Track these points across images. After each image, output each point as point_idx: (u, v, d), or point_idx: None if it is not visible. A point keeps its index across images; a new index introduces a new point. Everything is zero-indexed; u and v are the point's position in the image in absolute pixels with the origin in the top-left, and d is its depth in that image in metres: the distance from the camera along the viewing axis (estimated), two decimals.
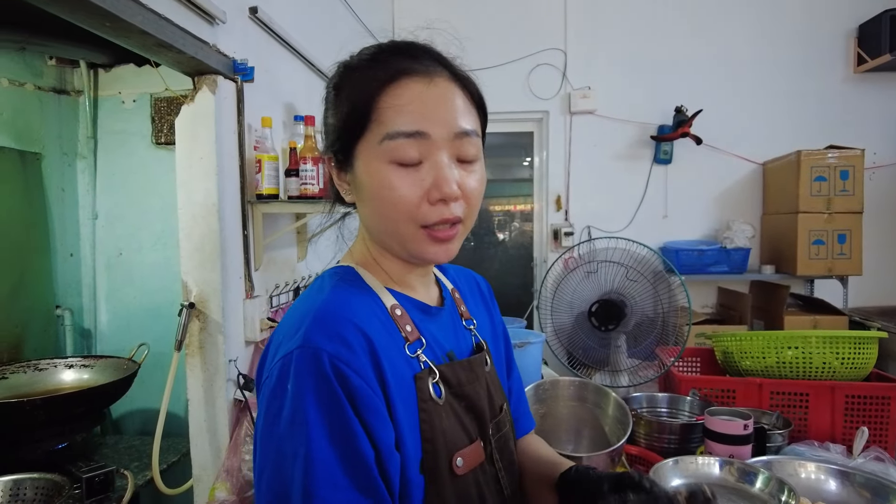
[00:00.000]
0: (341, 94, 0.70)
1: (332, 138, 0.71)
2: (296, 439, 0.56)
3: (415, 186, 0.64)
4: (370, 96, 0.65)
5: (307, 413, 0.56)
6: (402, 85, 0.65)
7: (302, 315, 0.64)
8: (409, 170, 0.64)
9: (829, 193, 3.13)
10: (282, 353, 0.60)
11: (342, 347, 0.59)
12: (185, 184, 1.57)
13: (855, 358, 1.58)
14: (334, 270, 0.74)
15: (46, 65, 2.19)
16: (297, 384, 0.57)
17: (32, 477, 1.48)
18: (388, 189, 0.64)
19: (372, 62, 0.69)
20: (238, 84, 1.64)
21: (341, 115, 0.68)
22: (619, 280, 1.70)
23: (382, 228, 0.69)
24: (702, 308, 3.64)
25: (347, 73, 0.71)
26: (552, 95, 3.70)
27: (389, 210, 0.65)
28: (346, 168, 0.70)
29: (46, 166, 2.18)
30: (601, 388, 1.33)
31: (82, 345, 2.31)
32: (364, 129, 0.65)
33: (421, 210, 0.64)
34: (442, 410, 0.66)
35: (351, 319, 0.62)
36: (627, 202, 3.67)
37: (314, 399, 0.56)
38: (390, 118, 0.64)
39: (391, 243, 0.70)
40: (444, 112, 0.65)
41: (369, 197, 0.66)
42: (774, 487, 0.86)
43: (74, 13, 1.14)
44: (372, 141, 0.65)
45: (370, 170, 0.65)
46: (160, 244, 2.27)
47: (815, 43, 3.53)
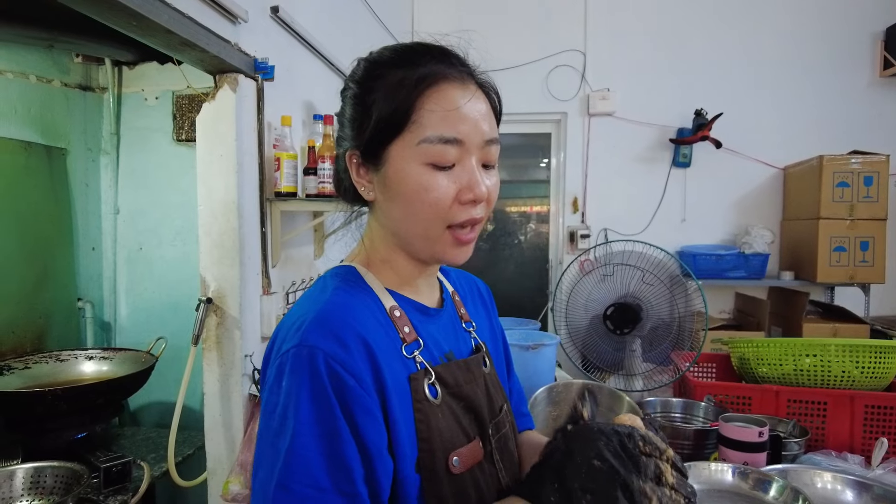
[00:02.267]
0: (372, 91, 0.69)
1: (359, 135, 0.70)
2: (284, 434, 0.57)
3: (449, 188, 0.66)
4: (410, 98, 0.65)
5: (298, 409, 0.57)
6: (441, 89, 0.66)
7: (303, 315, 0.65)
8: (444, 172, 0.66)
9: (851, 199, 3.08)
10: (281, 352, 0.62)
11: (338, 348, 0.60)
12: (205, 180, 1.59)
13: (876, 367, 1.55)
14: (336, 271, 0.75)
15: (73, 62, 2.23)
16: (292, 381, 0.59)
17: (53, 465, 1.51)
18: (424, 190, 0.65)
19: (407, 62, 0.68)
20: (258, 83, 1.66)
21: (374, 114, 0.67)
22: (636, 283, 1.69)
23: (410, 228, 0.69)
24: (719, 314, 3.59)
25: (377, 70, 0.70)
26: (571, 97, 3.68)
27: (424, 210, 0.66)
28: (371, 166, 0.70)
29: (71, 161, 2.23)
30: (615, 392, 1.32)
31: (102, 337, 2.35)
32: (401, 130, 0.66)
33: (451, 210, 0.66)
34: (438, 410, 0.67)
35: (349, 321, 0.63)
36: (645, 205, 3.64)
37: (307, 396, 0.58)
38: (431, 122, 0.65)
39: (415, 243, 0.71)
40: (478, 120, 0.67)
41: (402, 197, 0.67)
42: (789, 497, 0.85)
43: (103, 13, 1.16)
44: (409, 142, 0.65)
45: (406, 170, 0.66)
46: (179, 240, 2.30)
47: (839, 46, 3.47)
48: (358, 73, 0.73)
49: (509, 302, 3.81)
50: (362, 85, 0.71)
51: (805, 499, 0.82)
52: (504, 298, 4.02)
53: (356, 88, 0.71)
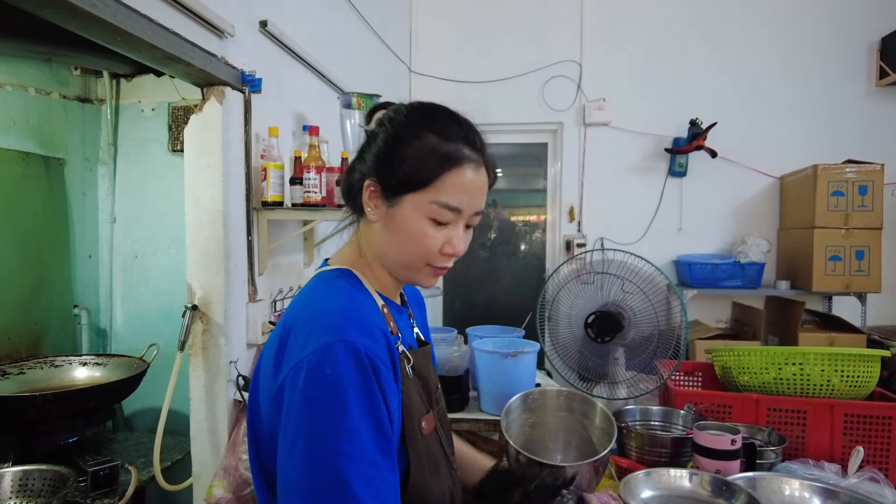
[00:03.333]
0: (408, 145, 0.81)
1: (384, 173, 0.82)
2: (336, 415, 0.68)
3: (438, 240, 0.82)
4: (438, 170, 0.80)
5: (348, 394, 0.68)
6: (462, 169, 0.81)
7: (328, 311, 0.76)
8: (439, 227, 0.82)
9: (846, 208, 3.07)
10: (317, 345, 0.71)
11: (371, 342, 0.73)
12: (192, 190, 1.63)
13: (856, 376, 1.55)
14: (338, 273, 0.87)
15: (72, 75, 2.29)
16: (340, 371, 0.69)
17: (41, 468, 1.54)
18: (421, 237, 0.81)
19: (443, 133, 0.82)
20: (246, 94, 1.70)
21: (405, 165, 0.80)
22: (616, 291, 1.70)
23: (398, 257, 0.84)
24: (715, 323, 3.59)
25: (418, 128, 0.82)
26: (567, 107, 3.71)
27: (414, 250, 0.82)
28: (385, 199, 0.82)
29: (69, 171, 2.28)
30: (587, 398, 1.33)
31: (98, 343, 2.39)
32: (422, 188, 0.80)
33: (433, 256, 0.83)
34: (412, 385, 0.83)
35: (372, 318, 0.78)
36: (641, 214, 3.65)
37: (355, 383, 0.69)
38: (445, 193, 0.80)
39: (397, 268, 0.86)
40: (477, 198, 0.83)
41: (401, 235, 0.82)
42: (745, 502, 0.86)
43: (88, 28, 1.20)
44: (423, 198, 0.80)
45: (411, 217, 0.81)
46: (174, 248, 2.35)
47: (835, 55, 3.48)
48: (400, 120, 0.84)
49: (507, 311, 3.83)
50: (401, 133, 0.82)
51: None
52: (502, 307, 4.05)
53: (393, 132, 0.83)
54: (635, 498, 0.88)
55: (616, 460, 1.45)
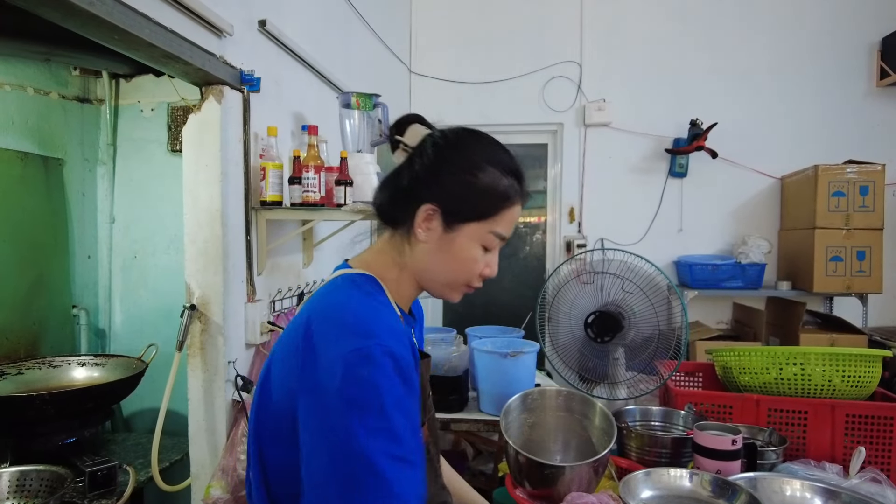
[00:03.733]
0: (477, 179, 0.86)
1: (452, 205, 0.86)
2: (373, 416, 0.69)
3: (481, 264, 0.89)
4: (502, 205, 0.87)
5: (385, 395, 0.70)
6: (515, 207, 0.89)
7: (362, 314, 0.79)
8: (483, 252, 0.89)
9: (847, 209, 3.06)
10: (353, 346, 0.72)
11: (403, 348, 0.75)
12: (190, 189, 1.62)
13: (858, 376, 1.54)
14: (364, 277, 0.89)
15: (71, 75, 2.29)
16: (377, 373, 0.71)
17: (38, 469, 1.53)
18: (472, 261, 0.87)
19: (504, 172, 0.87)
20: (244, 94, 1.69)
21: (472, 201, 0.86)
22: (616, 291, 1.70)
23: (442, 278, 0.90)
24: (716, 324, 3.58)
25: (480, 164, 0.86)
26: (567, 108, 3.71)
27: (462, 273, 0.88)
28: (444, 225, 0.86)
29: (68, 171, 2.28)
30: (587, 399, 1.33)
31: (97, 344, 2.39)
32: (483, 219, 0.86)
33: (475, 278, 0.90)
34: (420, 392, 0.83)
35: (401, 326, 0.81)
36: (642, 215, 3.65)
37: (391, 385, 0.71)
38: (500, 224, 0.88)
39: (434, 285, 0.92)
40: (512, 228, 0.92)
41: (453, 259, 0.87)
42: (745, 502, 0.85)
43: (86, 27, 1.20)
44: (483, 227, 0.86)
45: (468, 244, 0.87)
46: (173, 248, 2.34)
47: (836, 56, 3.48)
48: (459, 150, 0.88)
49: (507, 311, 3.82)
50: (464, 165, 0.86)
51: None
52: (502, 308, 4.04)
53: (457, 163, 0.87)
54: (635, 498, 0.87)
55: (616, 461, 1.44)
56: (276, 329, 1.76)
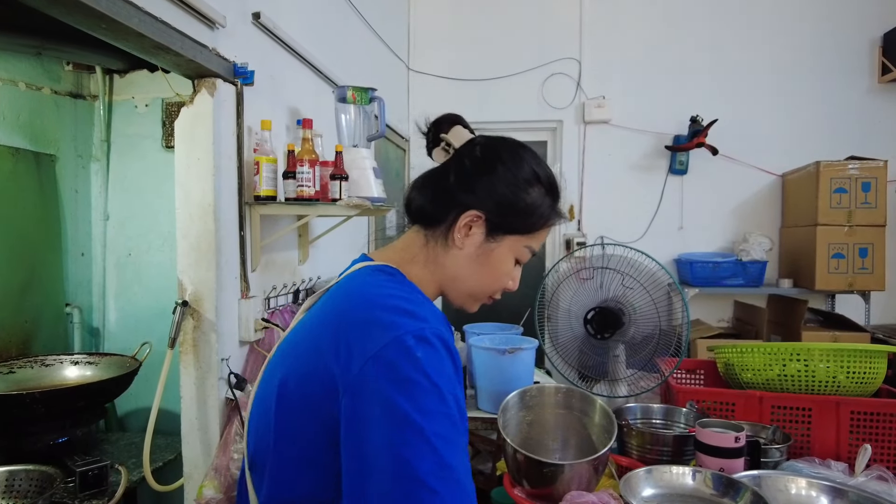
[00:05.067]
0: (527, 193, 0.85)
1: (500, 215, 0.85)
2: (431, 397, 0.66)
3: (510, 276, 0.89)
4: (543, 222, 0.88)
5: (441, 378, 0.67)
6: (552, 226, 0.90)
7: (406, 298, 0.76)
8: (515, 266, 0.89)
9: (849, 206, 3.04)
10: (403, 331, 0.68)
11: (448, 333, 0.74)
12: (182, 184, 1.60)
13: (863, 373, 1.51)
14: (390, 269, 0.86)
15: (63, 70, 2.26)
16: (432, 354, 0.68)
17: (27, 469, 1.50)
18: (505, 274, 0.88)
19: (554, 194, 0.89)
20: (238, 87, 1.66)
21: (521, 214, 0.85)
22: (616, 287, 1.67)
23: (470, 287, 0.88)
24: (717, 322, 3.55)
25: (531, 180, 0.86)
26: (566, 105, 3.68)
27: (492, 284, 0.88)
28: (487, 234, 0.85)
29: (61, 168, 2.25)
30: (587, 396, 1.30)
31: (91, 342, 2.36)
32: (523, 233, 0.86)
33: (499, 290, 0.90)
34: None
35: (440, 312, 0.78)
36: (642, 213, 3.62)
37: (446, 365, 0.69)
38: (536, 240, 0.89)
39: (458, 294, 0.89)
40: None
41: (489, 269, 0.86)
42: (749, 501, 0.82)
43: (71, 15, 1.17)
44: (521, 241, 0.86)
45: (505, 256, 0.86)
46: (167, 246, 2.31)
47: (837, 52, 3.45)
48: (514, 162, 0.87)
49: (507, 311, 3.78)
50: (518, 178, 0.85)
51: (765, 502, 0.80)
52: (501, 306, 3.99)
53: (520, 174, 0.86)
54: (636, 496, 0.85)
55: (616, 459, 1.41)
56: (270, 326, 1.73)
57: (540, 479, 1.16)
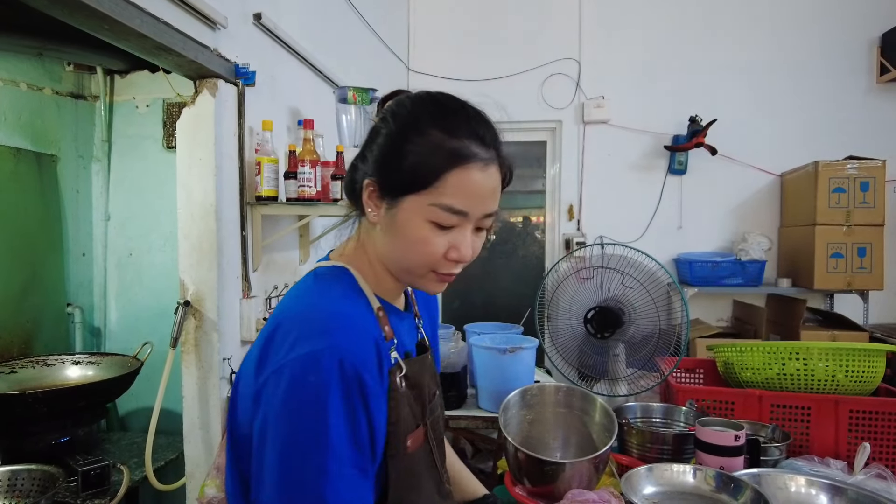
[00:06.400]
0: (408, 141, 0.74)
1: (384, 173, 0.76)
2: (316, 427, 0.65)
3: (441, 246, 0.74)
4: (440, 169, 0.72)
5: (330, 406, 0.65)
6: (467, 170, 0.73)
7: (317, 313, 0.72)
8: (442, 231, 0.74)
9: (848, 205, 3.04)
10: (304, 351, 0.67)
11: (360, 350, 0.69)
12: (184, 184, 1.60)
13: (861, 371, 1.52)
14: (333, 272, 0.81)
15: (65, 70, 2.26)
16: (324, 380, 0.65)
17: (29, 468, 1.51)
18: (421, 243, 0.74)
19: (447, 126, 0.74)
20: (239, 88, 1.67)
21: (404, 164, 0.73)
22: (616, 286, 1.68)
23: (399, 263, 0.78)
24: (716, 322, 3.56)
25: (418, 122, 0.75)
26: (566, 105, 3.68)
27: (415, 257, 0.75)
28: (385, 200, 0.76)
29: (62, 168, 2.25)
30: (588, 395, 1.30)
31: (92, 342, 2.36)
32: (422, 189, 0.73)
33: (439, 262, 0.76)
34: (403, 398, 0.77)
35: (363, 324, 0.73)
36: (641, 213, 3.62)
37: (338, 394, 0.65)
38: (448, 195, 0.72)
39: (400, 273, 0.80)
40: (486, 200, 0.75)
41: (401, 240, 0.75)
42: (749, 498, 0.83)
43: (73, 16, 1.18)
44: (423, 200, 0.73)
45: (411, 221, 0.74)
46: (168, 246, 2.32)
47: (836, 52, 3.45)
48: (402, 113, 0.77)
49: (507, 311, 3.79)
50: (403, 129, 0.75)
51: (764, 500, 0.80)
52: (501, 308, 4.01)
53: (395, 127, 0.76)
54: (637, 494, 0.85)
55: (617, 458, 1.42)
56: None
57: (541, 478, 1.17)
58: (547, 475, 1.16)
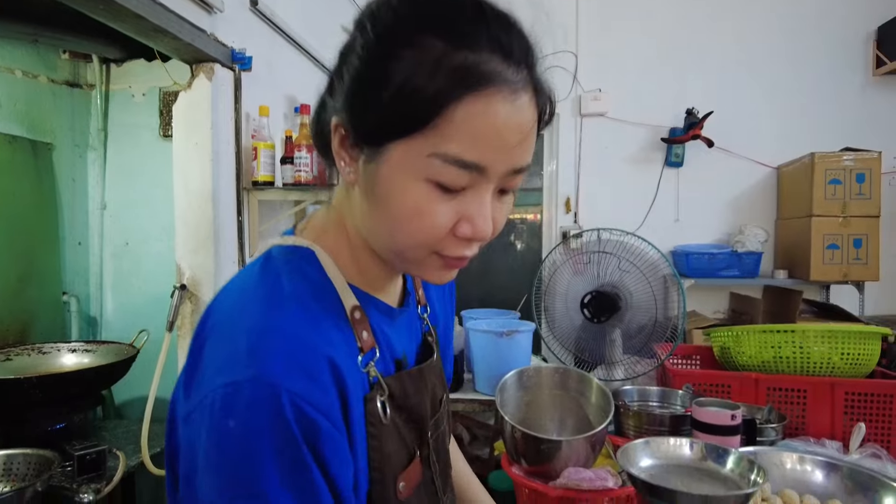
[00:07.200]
0: (394, 58, 0.49)
1: (358, 109, 0.52)
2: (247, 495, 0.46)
3: (447, 217, 0.51)
4: (443, 99, 0.47)
5: (259, 464, 0.46)
6: (484, 98, 0.48)
7: (245, 327, 0.51)
8: (447, 195, 0.51)
9: (844, 197, 3.05)
10: (227, 379, 0.47)
11: (309, 384, 0.48)
12: (181, 170, 1.60)
13: (857, 354, 1.53)
14: (294, 252, 0.60)
15: (60, 58, 2.26)
16: (248, 425, 0.46)
17: (25, 453, 1.50)
18: (417, 214, 0.51)
19: (453, 32, 0.49)
20: (236, 73, 1.67)
21: (387, 94, 0.49)
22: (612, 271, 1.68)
23: (387, 244, 0.56)
24: (713, 313, 3.56)
25: (409, 29, 0.49)
26: (563, 98, 3.68)
27: (409, 234, 0.52)
28: (362, 149, 0.53)
29: (58, 157, 2.24)
30: (584, 376, 1.31)
31: (88, 332, 2.36)
32: (414, 131, 0.48)
33: (442, 242, 0.53)
34: (387, 431, 0.58)
35: (317, 341, 0.51)
36: (638, 205, 3.63)
37: (271, 446, 0.46)
38: (456, 138, 0.48)
39: (390, 257, 0.58)
40: (513, 148, 0.50)
41: (387, 209, 0.52)
42: (745, 468, 0.83)
43: None
44: (419, 149, 0.49)
45: (402, 182, 0.50)
46: (165, 235, 2.31)
47: (832, 45, 3.46)
48: (382, 20, 0.51)
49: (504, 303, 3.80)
50: (383, 40, 0.50)
51: (759, 468, 0.81)
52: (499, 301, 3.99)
53: (373, 38, 0.51)
54: (634, 465, 0.86)
55: (613, 440, 1.42)
56: None
57: (537, 456, 1.17)
58: (543, 454, 1.16)
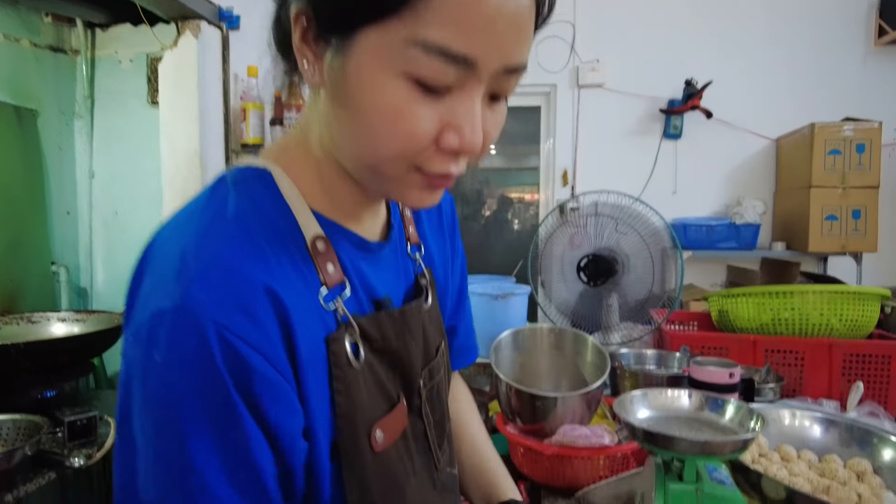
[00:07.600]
0: None
1: None
2: (168, 437, 0.42)
3: (431, 122, 0.44)
4: None
5: (182, 406, 0.41)
6: None
7: (176, 251, 0.46)
8: (430, 97, 0.43)
9: (843, 168, 3.02)
10: (154, 308, 0.43)
11: (238, 314, 0.42)
12: (167, 130, 1.57)
13: (855, 316, 1.51)
14: (245, 174, 0.52)
15: (43, 22, 2.19)
16: (170, 361, 0.41)
17: (14, 418, 1.48)
18: (394, 117, 0.43)
19: None
20: (223, 31, 1.62)
21: None
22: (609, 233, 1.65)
23: (356, 152, 0.48)
24: (711, 286, 3.54)
25: None
26: (560, 69, 3.63)
27: (386, 142, 0.45)
28: (328, 41, 0.45)
29: (43, 124, 2.19)
30: (579, 335, 1.29)
31: (78, 302, 2.33)
32: (391, 11, 0.41)
33: (425, 153, 0.45)
34: (360, 376, 0.52)
35: (252, 268, 0.45)
36: (636, 177, 3.59)
37: (194, 386, 0.41)
38: (438, 21, 0.40)
39: (363, 174, 0.50)
40: (509, 39, 0.43)
41: (359, 112, 0.45)
42: (745, 416, 0.81)
43: None
44: (394, 35, 0.41)
45: (376, 77, 0.43)
46: (155, 204, 2.25)
47: (834, 14, 3.40)
48: None
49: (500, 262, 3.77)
50: None
51: (758, 415, 0.79)
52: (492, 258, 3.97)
53: None
54: (631, 415, 0.84)
55: (609, 402, 1.41)
56: None
57: (532, 414, 1.16)
58: (538, 411, 1.15)
